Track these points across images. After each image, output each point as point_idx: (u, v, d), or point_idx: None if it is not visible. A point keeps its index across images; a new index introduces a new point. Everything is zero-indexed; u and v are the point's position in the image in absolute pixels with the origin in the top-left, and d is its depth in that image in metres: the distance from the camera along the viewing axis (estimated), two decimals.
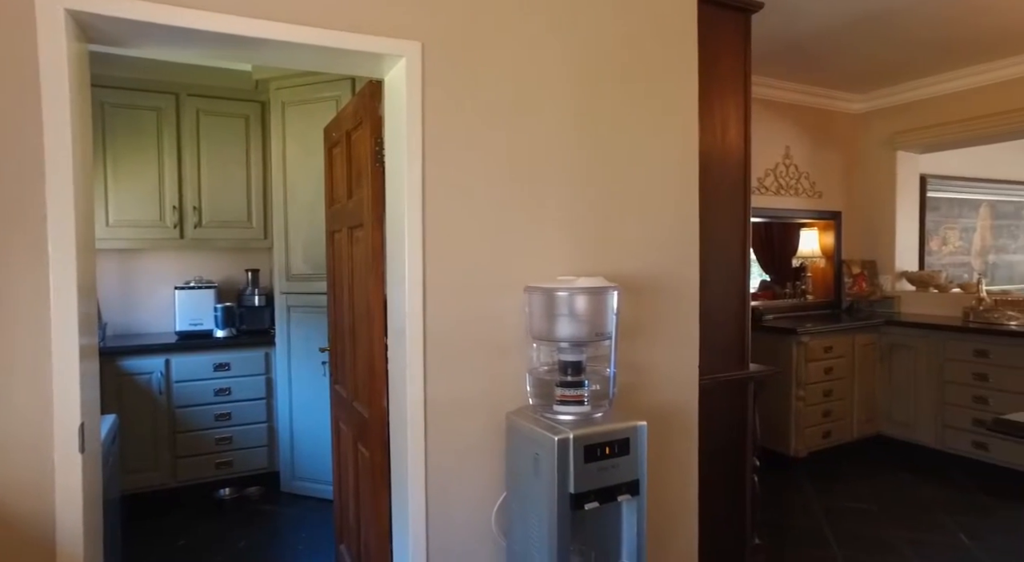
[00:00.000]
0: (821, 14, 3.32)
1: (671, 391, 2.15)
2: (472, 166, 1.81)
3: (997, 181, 5.96)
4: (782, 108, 4.66)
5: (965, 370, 3.89)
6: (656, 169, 2.09)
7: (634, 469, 1.68)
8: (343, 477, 2.48)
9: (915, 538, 3.05)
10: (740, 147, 2.48)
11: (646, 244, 2.07)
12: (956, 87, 4.41)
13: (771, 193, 4.60)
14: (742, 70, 2.48)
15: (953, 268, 5.58)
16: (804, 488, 3.72)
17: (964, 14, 3.30)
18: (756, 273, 5.16)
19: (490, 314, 1.84)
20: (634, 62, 2.04)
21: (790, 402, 3.94)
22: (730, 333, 2.46)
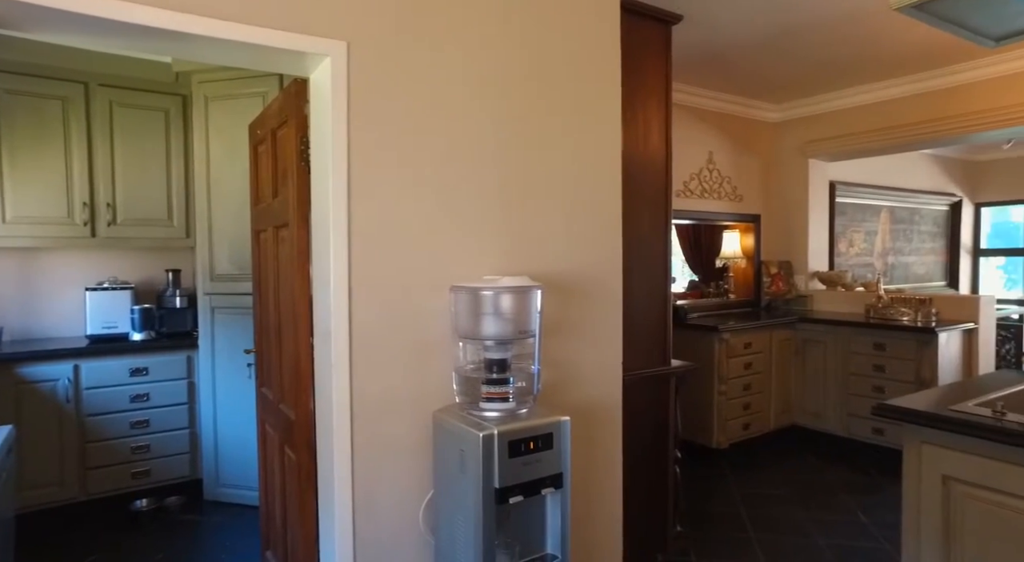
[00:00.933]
0: (737, 28, 3.50)
1: (595, 387, 2.22)
2: (399, 167, 1.82)
3: (895, 189, 6.44)
4: (706, 115, 4.87)
5: (866, 362, 4.20)
6: (580, 172, 2.16)
7: (558, 463, 1.73)
8: (269, 481, 2.42)
9: (820, 518, 3.27)
10: (662, 152, 2.59)
11: (571, 245, 2.14)
12: (860, 101, 4.75)
13: (696, 196, 4.81)
14: (663, 78, 2.59)
15: (858, 268, 5.99)
16: (725, 477, 3.91)
17: (866, 36, 3.57)
18: (688, 274, 5.38)
19: (417, 313, 1.85)
20: (559, 68, 2.10)
21: (712, 396, 4.13)
22: (653, 330, 2.57)
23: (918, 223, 6.98)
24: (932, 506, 1.67)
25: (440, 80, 1.87)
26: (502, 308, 1.74)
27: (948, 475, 1.65)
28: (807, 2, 3.15)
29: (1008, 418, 1.58)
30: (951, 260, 7.44)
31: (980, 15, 1.68)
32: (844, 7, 3.18)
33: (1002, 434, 1.53)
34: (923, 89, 4.40)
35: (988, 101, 4.09)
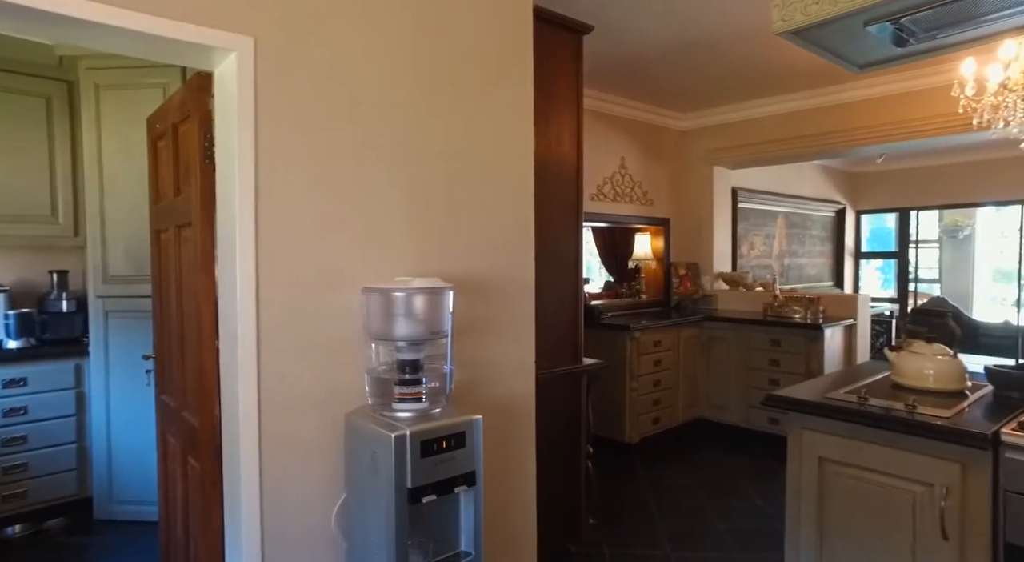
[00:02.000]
0: (647, 41, 3.68)
1: (509, 385, 2.28)
2: (309, 166, 1.79)
3: (790, 196, 6.96)
4: (618, 122, 5.07)
5: (764, 358, 4.51)
6: (493, 174, 2.20)
7: (471, 461, 1.76)
8: (170, 494, 2.31)
9: (722, 504, 3.49)
10: (574, 157, 2.69)
11: (484, 246, 2.18)
12: (759, 114, 5.09)
13: (609, 200, 4.99)
14: (575, 85, 2.68)
15: (758, 270, 6.42)
16: (636, 470, 4.09)
17: (762, 54, 3.84)
18: (605, 275, 5.56)
19: (328, 315, 1.83)
20: (472, 71, 2.14)
21: (624, 393, 4.30)
22: (565, 330, 2.66)
23: (809, 228, 7.56)
24: (810, 484, 1.84)
25: (351, 79, 1.86)
26: (414, 309, 1.75)
27: (823, 456, 1.82)
28: (709, 20, 3.36)
29: (870, 403, 1.76)
30: (837, 262, 8.12)
31: (846, 45, 1.86)
32: (741, 26, 3.42)
33: (864, 417, 1.71)
34: (812, 105, 4.78)
35: (864, 119, 4.51)
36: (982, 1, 1.58)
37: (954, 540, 1.57)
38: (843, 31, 1.79)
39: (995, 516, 1.53)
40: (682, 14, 3.29)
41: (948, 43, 1.87)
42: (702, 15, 3.30)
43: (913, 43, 1.85)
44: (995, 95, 2.87)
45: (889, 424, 1.68)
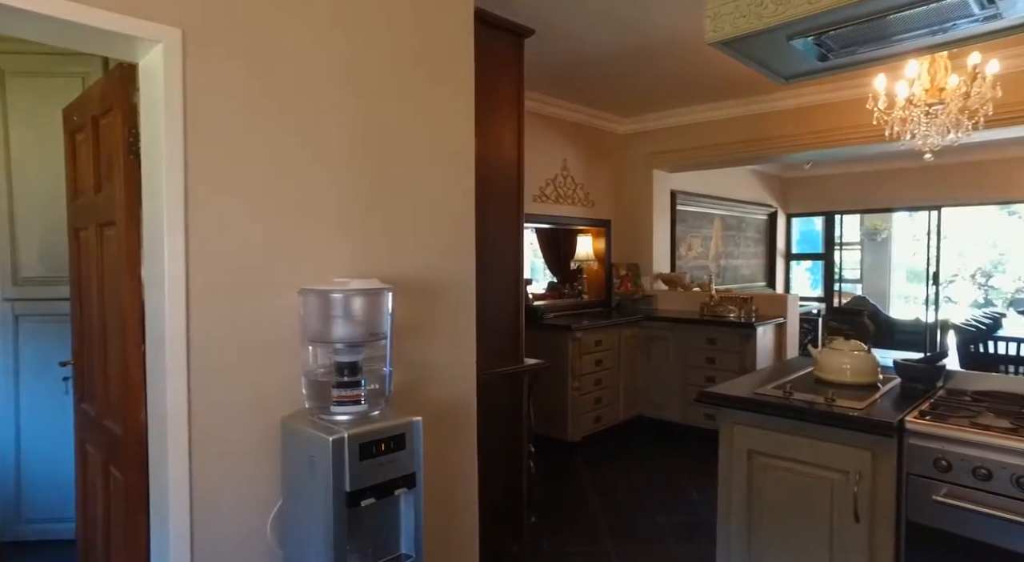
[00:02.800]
0: (589, 46, 3.75)
1: (450, 386, 2.27)
2: (243, 164, 1.74)
3: (726, 199, 7.23)
4: (561, 124, 5.14)
5: (701, 355, 4.67)
6: (434, 175, 2.20)
7: (411, 463, 1.75)
8: (89, 508, 2.19)
9: (661, 498, 3.60)
10: (515, 158, 2.71)
11: (424, 246, 2.17)
12: (697, 119, 5.26)
13: (551, 201, 5.05)
14: (516, 87, 2.71)
15: (696, 270, 6.63)
16: (578, 468, 4.15)
17: (699, 62, 3.97)
18: (549, 276, 5.61)
19: (263, 317, 1.78)
20: (414, 73, 2.13)
21: (567, 392, 4.36)
22: (506, 330, 2.68)
23: (744, 230, 7.87)
24: (740, 477, 1.92)
25: (287, 76, 1.82)
26: (352, 311, 1.73)
27: (752, 449, 1.90)
28: (647, 28, 3.45)
29: (794, 398, 1.86)
30: (769, 263, 8.48)
31: (772, 57, 1.96)
32: (679, 35, 3.53)
33: (789, 411, 1.81)
34: (746, 113, 4.98)
35: (792, 128, 4.74)
36: (892, 22, 1.68)
37: (865, 522, 1.67)
38: (769, 44, 1.88)
39: (899, 498, 1.64)
40: (620, 22, 3.37)
41: (864, 59, 1.99)
42: (640, 23, 3.39)
43: (833, 58, 1.96)
44: (903, 109, 3.08)
45: (811, 417, 1.78)
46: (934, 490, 1.57)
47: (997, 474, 1.50)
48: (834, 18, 1.69)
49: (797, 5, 1.70)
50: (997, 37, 1.78)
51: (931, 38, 1.80)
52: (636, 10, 3.22)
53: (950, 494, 1.55)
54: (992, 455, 1.51)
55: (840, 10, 1.63)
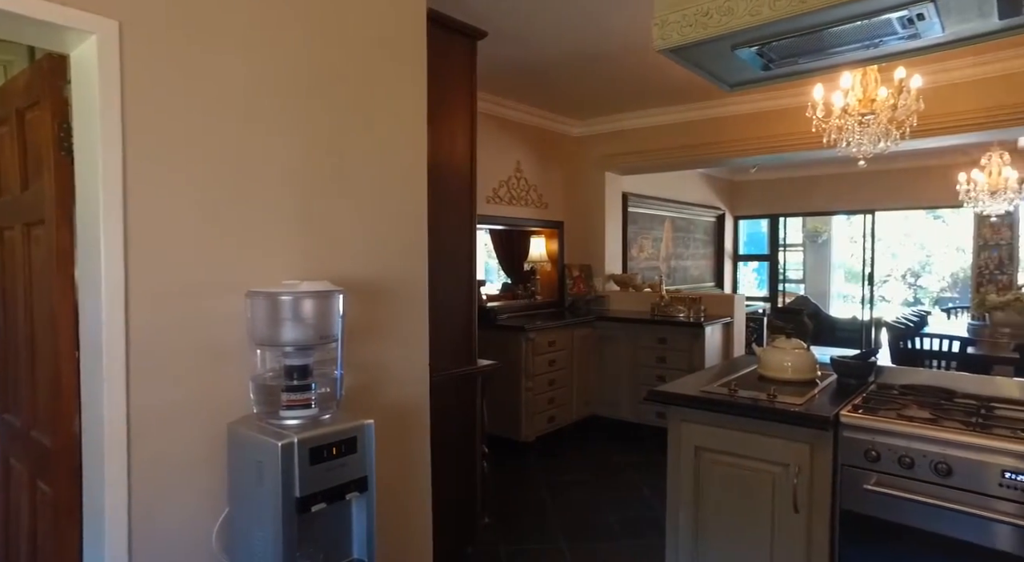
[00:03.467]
0: (542, 49, 3.78)
1: (403, 388, 2.26)
2: (186, 162, 1.68)
3: (676, 201, 7.41)
4: (514, 126, 5.16)
5: (652, 355, 4.77)
6: (386, 177, 2.18)
7: (362, 466, 1.73)
8: (12, 526, 2.07)
9: (613, 496, 3.66)
10: (467, 159, 2.71)
11: (376, 248, 2.15)
12: (648, 123, 5.37)
13: (505, 203, 5.07)
14: (469, 89, 2.71)
15: (647, 271, 6.77)
16: (532, 468, 4.18)
17: (649, 67, 4.05)
18: (504, 277, 5.62)
19: (208, 320, 1.73)
20: (365, 71, 2.10)
21: (520, 392, 4.39)
22: (459, 331, 2.67)
23: (693, 232, 8.08)
24: (688, 472, 1.98)
25: (231, 72, 1.77)
26: (302, 313, 1.70)
27: (700, 446, 1.96)
28: (598, 33, 3.51)
29: (739, 395, 1.93)
30: (717, 264, 8.74)
31: (717, 65, 2.02)
32: (629, 41, 3.60)
33: (734, 408, 1.87)
34: (694, 118, 5.12)
35: (738, 133, 4.90)
36: (827, 36, 1.77)
37: (803, 511, 1.75)
38: (714, 53, 1.94)
39: (834, 488, 1.72)
40: (572, 26, 3.41)
41: (803, 70, 2.08)
42: (591, 28, 3.44)
43: (774, 68, 2.04)
44: (839, 118, 3.23)
45: (754, 413, 1.85)
46: (865, 479, 1.66)
47: (919, 461, 1.59)
48: (774, 30, 1.76)
49: (740, 16, 1.76)
50: (919, 54, 1.90)
51: (864, 52, 1.90)
52: (587, 15, 3.27)
53: (879, 482, 1.64)
54: (915, 444, 1.60)
55: (778, 23, 1.70)
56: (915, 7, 1.58)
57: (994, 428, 1.59)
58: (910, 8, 1.58)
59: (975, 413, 1.72)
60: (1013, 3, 1.54)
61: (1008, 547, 1.47)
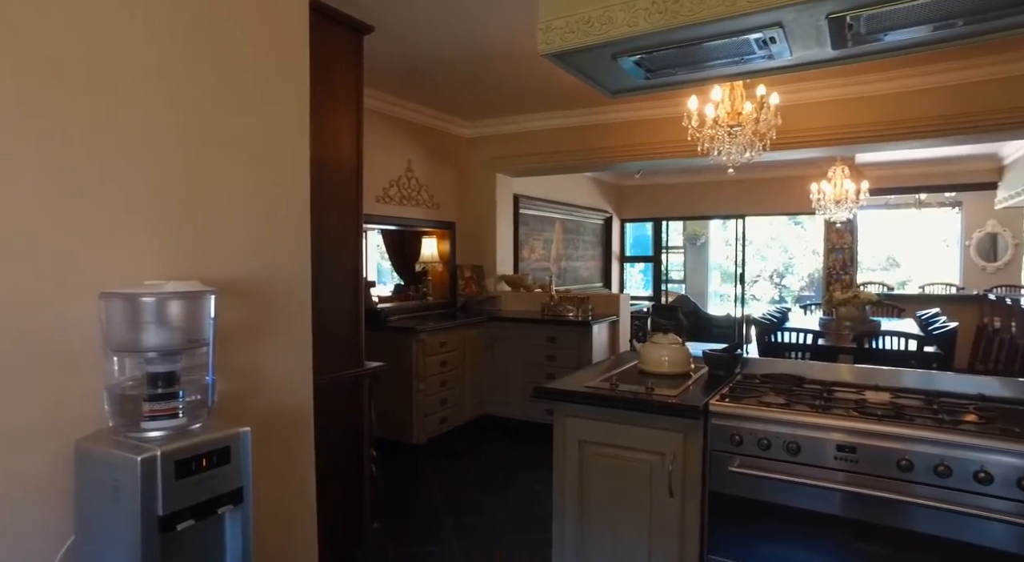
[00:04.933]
0: (426, 48, 3.76)
1: (284, 393, 2.15)
2: (26, 150, 1.50)
3: (566, 204, 7.65)
4: (405, 125, 5.09)
5: (542, 353, 4.89)
6: (265, 171, 2.07)
7: (237, 477, 1.63)
8: None
9: (505, 494, 3.71)
10: (353, 157, 2.64)
11: (255, 246, 2.03)
12: (538, 127, 5.50)
13: (395, 203, 4.99)
14: (354, 85, 2.64)
15: (538, 272, 6.93)
16: (424, 470, 4.14)
17: (538, 71, 4.14)
18: (397, 278, 5.52)
19: (54, 328, 1.55)
20: (241, 59, 1.98)
21: (411, 394, 4.33)
22: (345, 333, 2.59)
23: (582, 234, 8.38)
24: (573, 466, 2.05)
25: (89, 50, 1.60)
26: (168, 316, 1.57)
27: (584, 439, 2.03)
28: (488, 35, 3.54)
29: (620, 389, 2.02)
30: (605, 265, 9.12)
31: (599, 72, 2.11)
32: (518, 44, 3.66)
33: (615, 401, 1.96)
34: (581, 123, 5.30)
35: (621, 139, 5.14)
36: (698, 51, 1.90)
37: (678, 496, 1.87)
38: (596, 60, 2.03)
39: (704, 472, 1.85)
40: (458, 27, 3.43)
41: (679, 81, 2.21)
42: (480, 31, 3.47)
43: (652, 78, 2.16)
44: (711, 128, 3.48)
45: (633, 406, 1.95)
46: (730, 462, 1.80)
47: (774, 443, 1.75)
48: (649, 42, 1.87)
49: (618, 27, 1.85)
50: (777, 73, 2.09)
51: (733, 67, 2.06)
52: (473, 17, 3.30)
53: (742, 464, 1.78)
54: (771, 427, 1.76)
55: (653, 35, 1.80)
56: (767, 31, 1.73)
57: (833, 408, 1.79)
58: (763, 31, 1.74)
59: (819, 396, 1.91)
60: (841, 37, 1.74)
61: (843, 512, 1.66)
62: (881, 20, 1.67)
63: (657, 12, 1.77)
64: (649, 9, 1.78)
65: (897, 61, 3.91)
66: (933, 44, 1.83)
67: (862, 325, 5.05)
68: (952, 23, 1.68)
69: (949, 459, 1.55)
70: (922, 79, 4.07)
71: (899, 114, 4.18)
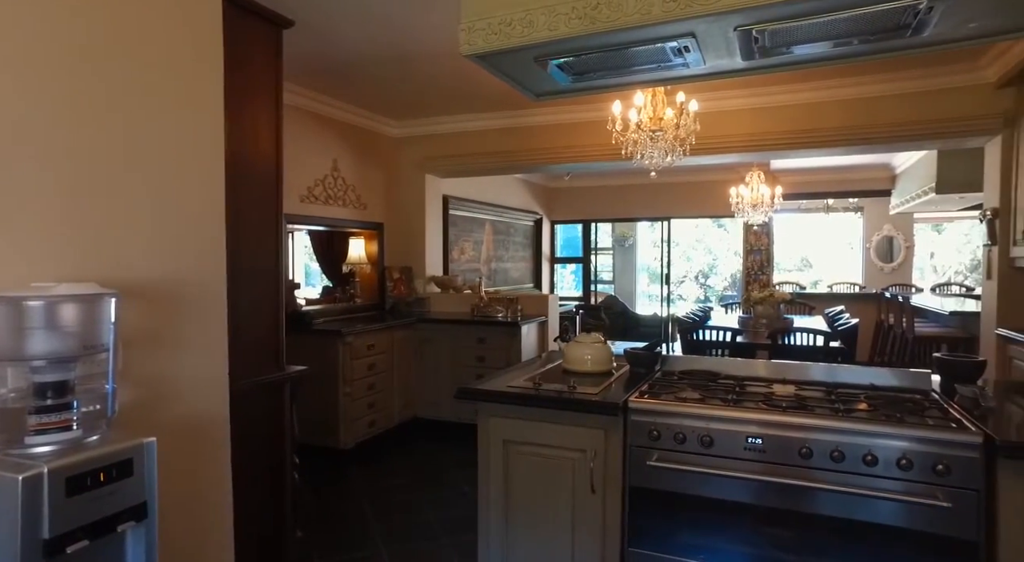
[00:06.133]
0: (353, 44, 3.68)
1: (197, 400, 2.05)
2: None
3: (496, 205, 7.68)
4: (331, 123, 4.96)
5: (471, 354, 4.88)
6: (175, 169, 1.96)
7: (140, 491, 1.53)
8: None
9: (434, 496, 3.67)
10: (273, 155, 2.54)
11: (163, 247, 1.92)
12: (467, 128, 5.48)
13: (321, 202, 4.85)
14: (274, 80, 2.55)
15: (468, 273, 6.92)
16: (351, 475, 4.05)
17: (467, 72, 4.13)
18: (325, 280, 5.35)
19: None
20: (149, 49, 1.87)
21: (338, 398, 4.23)
22: (265, 336, 2.50)
23: (513, 235, 8.43)
24: (497, 465, 2.05)
25: None
26: (59, 321, 1.46)
27: (507, 439, 2.04)
28: (412, 34, 3.50)
29: (543, 388, 2.05)
30: (536, 266, 9.21)
31: (523, 75, 2.13)
32: (443, 44, 3.63)
33: (537, 401, 1.98)
34: (511, 125, 5.33)
35: (548, 142, 5.21)
36: (621, 56, 1.94)
37: (599, 492, 1.91)
38: (519, 62, 2.04)
39: (624, 467, 1.90)
40: (380, 24, 3.37)
41: (602, 85, 2.26)
42: (405, 29, 3.43)
43: (575, 82, 2.20)
44: (634, 132, 3.59)
45: (555, 404, 1.97)
46: (648, 456, 1.85)
47: (689, 436, 1.82)
48: (570, 46, 1.89)
49: (540, 30, 1.87)
50: (695, 81, 2.17)
51: (654, 74, 2.12)
52: (398, 16, 3.26)
53: (660, 458, 1.84)
54: (687, 421, 1.83)
55: (573, 39, 1.83)
56: (681, 40, 1.80)
57: (744, 402, 1.88)
58: (678, 40, 1.80)
59: (732, 391, 2.01)
60: (749, 49, 1.83)
61: (753, 499, 1.74)
62: (784, 35, 1.77)
63: (577, 17, 1.80)
64: (569, 14, 1.81)
65: (805, 75, 4.16)
66: (835, 59, 1.96)
67: (777, 322, 5.33)
68: (848, 41, 1.80)
69: (842, 445, 1.65)
70: (827, 92, 4.35)
71: (807, 124, 4.44)
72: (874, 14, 1.61)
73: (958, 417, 1.69)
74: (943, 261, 12.20)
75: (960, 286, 9.24)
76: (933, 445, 1.58)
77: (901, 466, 1.59)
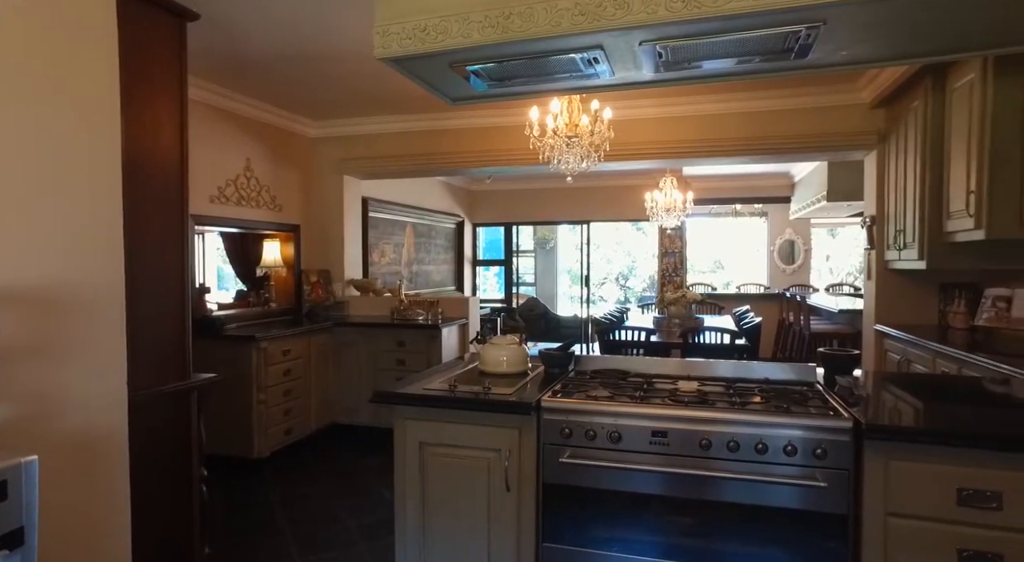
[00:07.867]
0: (265, 43, 3.56)
1: (91, 413, 1.92)
2: None
3: (417, 208, 7.62)
4: (243, 122, 4.77)
5: (391, 358, 4.83)
6: (63, 167, 1.84)
7: (15, 516, 1.42)
8: None
9: (354, 504, 3.61)
10: (176, 154, 2.43)
11: (52, 250, 1.80)
12: (386, 129, 5.42)
13: (233, 203, 4.66)
14: (177, 75, 2.43)
15: (389, 276, 6.83)
16: (266, 485, 3.91)
17: (383, 74, 4.07)
18: (238, 284, 5.12)
19: None
20: (33, 39, 1.75)
21: (251, 406, 4.07)
22: (169, 343, 2.38)
23: (435, 238, 8.39)
24: (413, 468, 2.05)
25: None
26: None
27: (423, 441, 2.05)
28: (325, 33, 3.44)
29: (458, 390, 2.07)
30: (458, 269, 9.21)
31: (438, 80, 2.15)
32: (358, 45, 3.58)
33: (452, 402, 2.00)
34: (430, 127, 5.32)
35: (469, 145, 5.24)
36: (535, 64, 1.98)
37: (514, 490, 1.95)
38: (434, 68, 2.05)
39: (538, 465, 1.95)
40: (289, 21, 3.29)
41: (518, 92, 2.30)
42: (318, 28, 3.36)
43: (491, 88, 2.23)
44: (551, 138, 3.68)
45: (470, 405, 2.00)
46: (561, 454, 1.91)
47: (599, 433, 1.89)
48: (484, 54, 1.93)
49: (453, 37, 1.89)
50: (608, 90, 2.27)
51: (567, 82, 2.18)
52: (310, 13, 3.19)
53: (571, 455, 1.90)
54: (596, 418, 1.91)
55: (486, 47, 1.87)
56: (591, 51, 1.88)
57: (650, 398, 1.97)
58: (587, 52, 1.87)
59: (640, 388, 2.10)
60: (654, 63, 1.93)
61: (660, 491, 1.84)
62: (686, 51, 1.88)
63: (489, 26, 1.84)
64: (482, 22, 1.84)
65: (712, 88, 4.41)
66: (736, 75, 2.10)
67: (688, 322, 5.60)
68: (750, 59, 1.93)
69: (738, 436, 1.78)
70: (734, 105, 4.63)
71: (715, 133, 4.71)
72: (760, 37, 1.74)
73: (835, 405, 1.85)
74: (837, 263, 13.20)
75: (851, 287, 10.04)
76: (813, 432, 1.73)
77: (787, 452, 1.73)
